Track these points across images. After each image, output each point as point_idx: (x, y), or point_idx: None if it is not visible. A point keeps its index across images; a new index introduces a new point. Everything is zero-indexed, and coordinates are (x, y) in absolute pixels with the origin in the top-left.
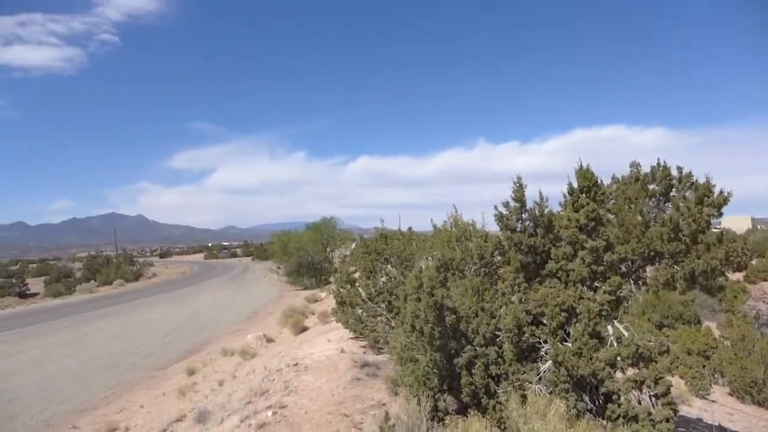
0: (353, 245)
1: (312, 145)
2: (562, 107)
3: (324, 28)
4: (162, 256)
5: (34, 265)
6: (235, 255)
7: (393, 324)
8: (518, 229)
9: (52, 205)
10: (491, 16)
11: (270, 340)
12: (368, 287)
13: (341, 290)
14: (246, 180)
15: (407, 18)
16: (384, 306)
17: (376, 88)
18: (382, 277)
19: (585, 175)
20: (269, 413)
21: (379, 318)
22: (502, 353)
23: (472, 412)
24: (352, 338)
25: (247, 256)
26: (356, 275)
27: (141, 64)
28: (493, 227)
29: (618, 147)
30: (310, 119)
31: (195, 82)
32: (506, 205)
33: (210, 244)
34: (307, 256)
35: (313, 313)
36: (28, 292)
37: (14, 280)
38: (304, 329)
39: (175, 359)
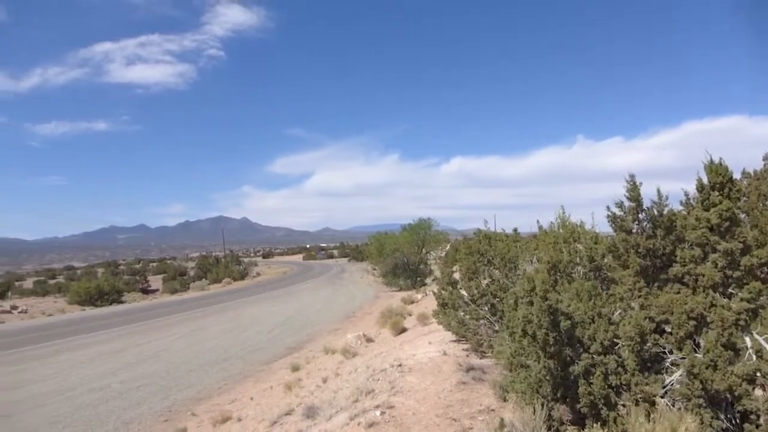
0: (447, 247)
1: (405, 148)
2: (671, 98)
3: (415, 28)
4: (265, 256)
5: (154, 264)
6: (331, 256)
7: (497, 327)
8: (635, 231)
9: (168, 209)
10: (589, 4)
11: (369, 340)
12: (470, 289)
13: (443, 292)
14: (341, 183)
15: (499, 14)
16: (487, 309)
17: (471, 87)
18: (484, 279)
19: (717, 170)
20: (377, 413)
21: (481, 321)
22: (623, 362)
23: (589, 424)
24: (453, 341)
25: (344, 257)
26: (455, 276)
27: (243, 76)
28: (601, 228)
29: (737, 139)
30: (404, 121)
31: (292, 90)
32: (620, 205)
33: (308, 246)
34: (402, 257)
35: (411, 315)
36: (149, 288)
37: (138, 278)
38: (403, 330)
39: (280, 355)
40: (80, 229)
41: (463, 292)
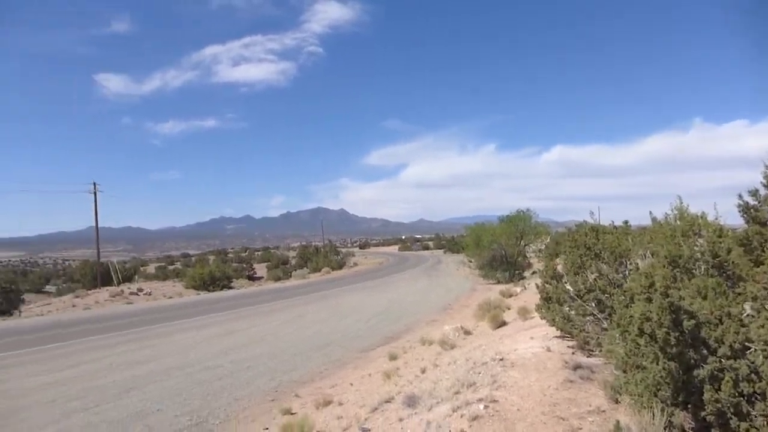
0: (547, 239)
1: (503, 137)
2: None
3: (511, 16)
4: (361, 247)
5: (259, 253)
6: (427, 247)
7: (605, 325)
8: None
9: (271, 200)
10: None
11: (467, 333)
12: (576, 284)
13: (546, 286)
14: (437, 174)
15: None
16: (594, 305)
17: (572, 73)
18: (591, 273)
19: None
20: (481, 406)
21: (588, 317)
22: (756, 369)
23: None
24: (557, 337)
25: (439, 248)
26: (559, 269)
27: (340, 71)
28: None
29: None
30: (501, 111)
31: (387, 83)
32: (754, 193)
33: (404, 237)
34: (500, 249)
35: (510, 308)
36: (255, 275)
37: (244, 265)
38: (503, 324)
39: (378, 344)
40: (194, 220)
41: (569, 287)
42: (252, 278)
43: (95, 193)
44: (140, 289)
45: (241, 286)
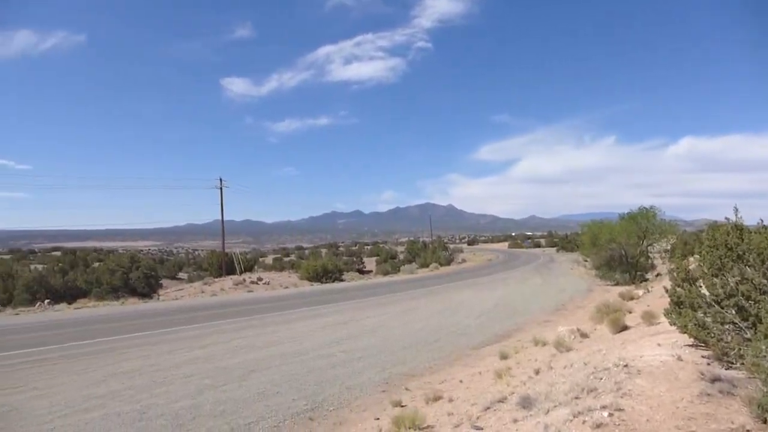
0: (674, 239)
1: (623, 129)
2: None
3: (629, 3)
4: (470, 243)
5: (368, 247)
6: (538, 245)
7: (748, 335)
8: None
9: (381, 196)
10: None
11: (584, 335)
12: (714, 288)
13: (678, 289)
14: (549, 169)
15: None
16: (734, 312)
17: (703, 59)
18: (733, 277)
19: None
20: (605, 414)
21: (728, 325)
22: None
23: None
24: (689, 345)
25: (551, 246)
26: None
27: (450, 66)
28: None
29: None
30: (622, 101)
31: (498, 76)
32: None
33: (513, 234)
34: (619, 249)
35: (630, 312)
36: (364, 269)
37: (354, 259)
38: (624, 328)
39: (488, 342)
40: (307, 214)
41: (704, 291)
42: (361, 272)
43: (221, 189)
44: (260, 279)
45: (352, 279)
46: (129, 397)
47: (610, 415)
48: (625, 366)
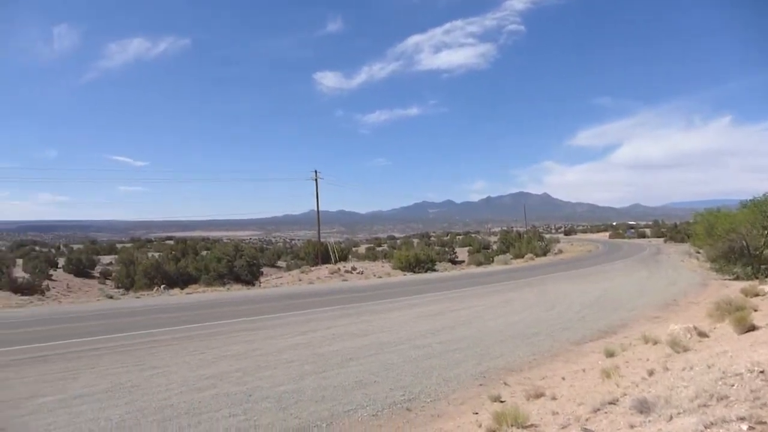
0: None
1: (741, 108)
2: None
3: None
4: (566, 233)
5: (460, 237)
6: (643, 235)
7: None
8: None
9: (472, 185)
10: None
11: (702, 335)
12: None
13: None
14: (654, 154)
15: None
16: None
17: None
18: None
19: None
20: (743, 426)
21: None
22: None
23: None
24: None
25: (658, 237)
26: None
27: (543, 49)
28: None
29: None
30: (739, 76)
31: (596, 57)
32: None
33: (614, 223)
34: (740, 239)
35: (756, 310)
36: (456, 259)
37: (446, 249)
38: (752, 328)
39: (590, 337)
40: (399, 204)
41: None
42: (454, 262)
43: (316, 180)
44: (353, 268)
45: (444, 269)
46: (236, 379)
47: (751, 428)
48: (761, 372)
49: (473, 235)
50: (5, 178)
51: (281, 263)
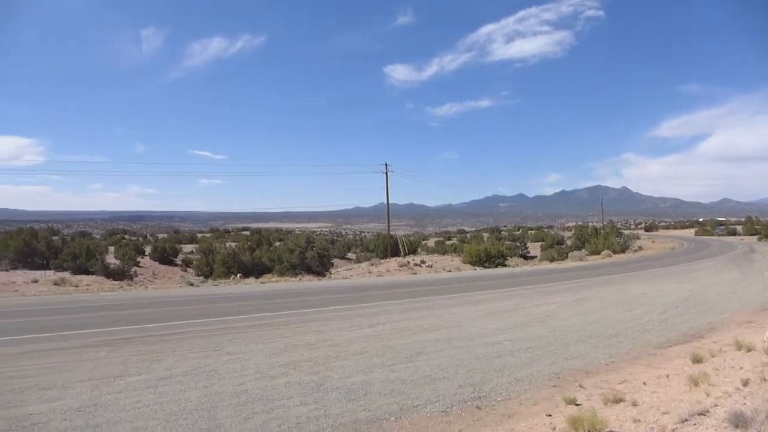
0: None
1: None
2: None
3: None
4: (647, 229)
5: (532, 232)
6: (734, 233)
7: None
8: None
9: (545, 178)
10: None
11: None
12: None
13: None
14: (747, 144)
15: None
16: None
17: None
18: None
19: None
20: None
21: None
22: None
23: None
24: None
25: (751, 234)
26: None
27: (624, 35)
28: None
29: None
30: None
31: (682, 41)
32: None
33: (701, 219)
34: None
35: None
36: (528, 254)
37: (518, 244)
38: None
39: (674, 341)
40: (469, 198)
41: None
42: (525, 257)
43: (386, 173)
44: (423, 261)
45: (515, 264)
46: (308, 368)
47: None
48: None
49: (546, 230)
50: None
51: (351, 255)
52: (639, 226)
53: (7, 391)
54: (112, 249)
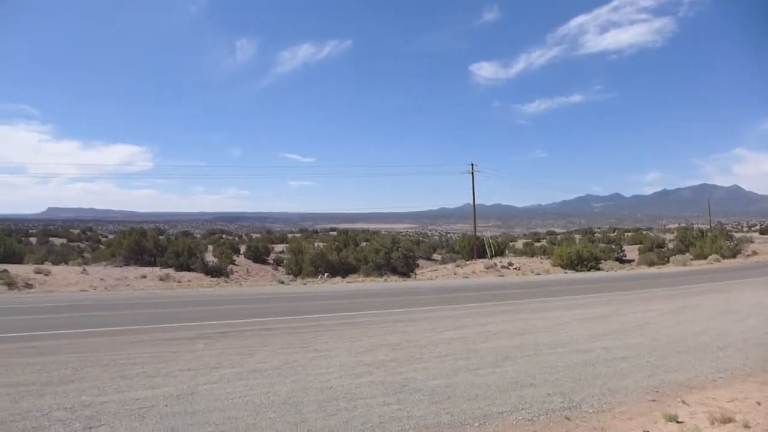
0: None
1: None
2: None
3: None
4: (762, 232)
5: (629, 234)
6: None
7: None
8: None
9: (644, 177)
10: None
11: None
12: None
13: None
14: None
15: None
16: None
17: None
18: None
19: None
20: None
21: None
22: None
23: None
24: None
25: None
26: None
27: (734, 16)
28: None
29: None
30: None
31: None
32: None
33: None
34: None
35: None
36: (624, 258)
37: (613, 246)
38: None
39: None
40: (559, 198)
41: None
42: (621, 261)
43: (473, 174)
44: (510, 264)
45: (610, 268)
46: (391, 368)
47: None
48: None
49: (644, 232)
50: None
51: (436, 256)
52: (753, 229)
53: (119, 377)
54: (210, 248)
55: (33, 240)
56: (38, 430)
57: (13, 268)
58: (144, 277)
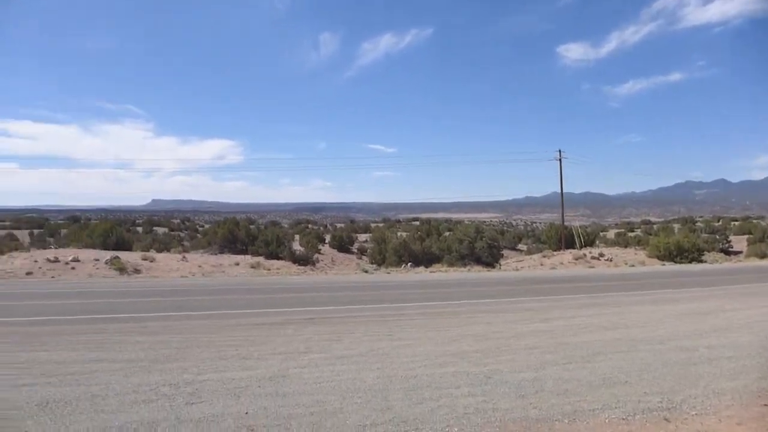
0: None
1: None
2: None
3: None
4: None
5: (736, 223)
6: None
7: None
8: None
9: (753, 160)
10: None
11: None
12: None
13: None
14: None
15: None
16: None
17: None
18: None
19: None
20: None
21: None
22: None
23: None
24: None
25: None
26: None
27: None
28: None
29: None
30: None
31: None
32: None
33: None
34: None
35: None
36: (730, 249)
37: (718, 237)
38: None
39: None
40: (655, 185)
41: None
42: (727, 252)
43: (560, 160)
44: (601, 254)
45: (714, 260)
46: (476, 359)
47: None
48: None
49: (754, 221)
50: (288, 168)
51: (522, 246)
52: None
53: (217, 357)
54: (297, 237)
55: (139, 229)
56: (147, 402)
57: (124, 255)
58: (237, 264)
